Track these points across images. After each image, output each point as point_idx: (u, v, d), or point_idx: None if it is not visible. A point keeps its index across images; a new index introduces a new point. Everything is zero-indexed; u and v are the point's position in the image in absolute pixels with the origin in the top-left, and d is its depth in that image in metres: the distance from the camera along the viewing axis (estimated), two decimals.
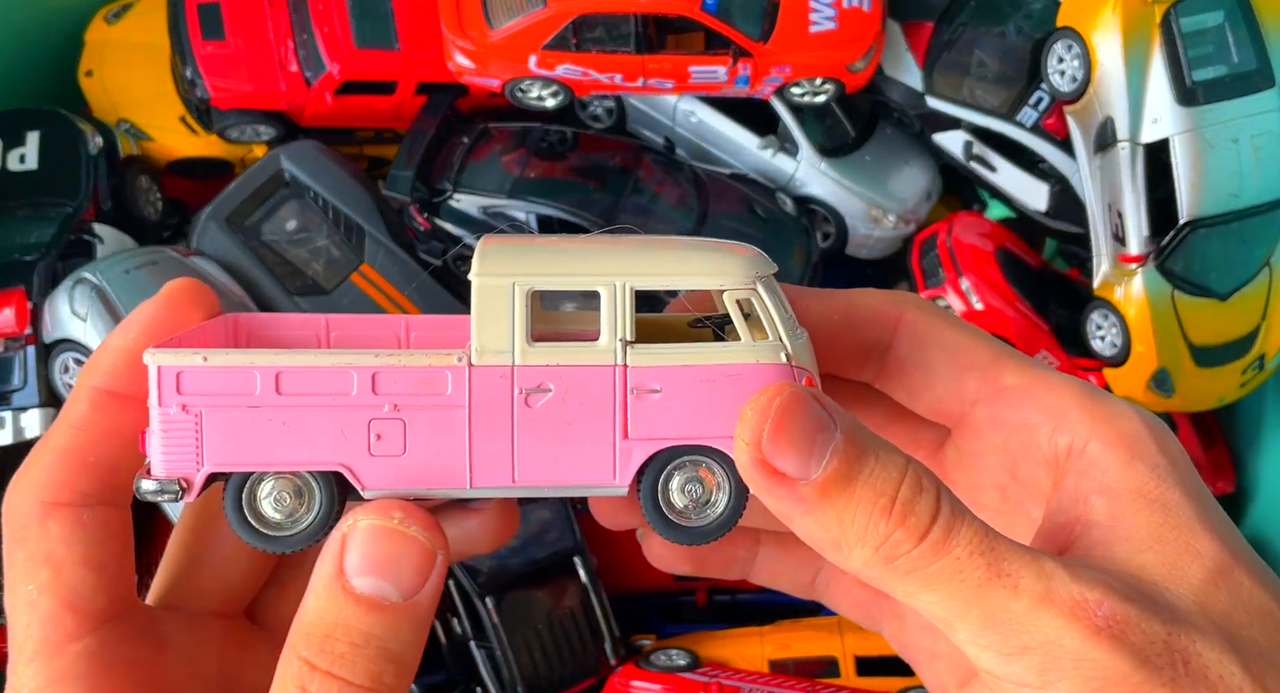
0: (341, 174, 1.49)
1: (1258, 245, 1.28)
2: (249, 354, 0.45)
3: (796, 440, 0.40)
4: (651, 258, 0.46)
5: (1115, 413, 0.44)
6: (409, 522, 0.42)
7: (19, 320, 1.27)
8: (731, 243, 0.49)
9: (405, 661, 0.41)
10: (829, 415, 0.41)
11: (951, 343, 0.48)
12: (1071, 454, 0.44)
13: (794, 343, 0.46)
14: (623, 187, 1.44)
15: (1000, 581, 0.38)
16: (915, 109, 1.50)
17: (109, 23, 1.59)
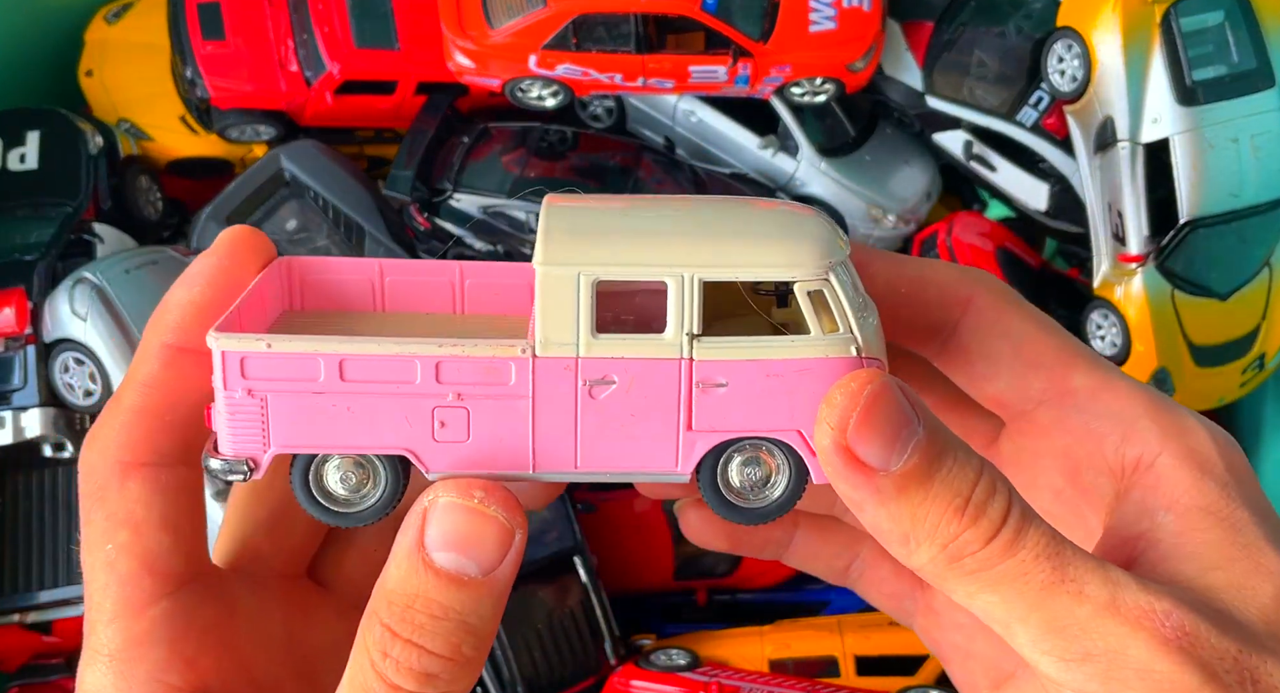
0: (341, 174, 1.49)
1: (1258, 245, 1.28)
2: (313, 341, 0.45)
3: (883, 431, 0.40)
4: (722, 247, 0.45)
5: (1186, 427, 0.43)
6: (489, 501, 0.42)
7: (19, 320, 1.27)
8: (805, 213, 0.47)
9: (483, 634, 0.42)
10: (914, 410, 0.40)
11: (1019, 334, 0.46)
12: (1140, 467, 0.42)
13: (864, 332, 0.44)
14: (623, 186, 1.44)
15: (1065, 585, 0.37)
16: (915, 109, 1.50)
17: (109, 23, 1.59)
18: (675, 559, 1.42)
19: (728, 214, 0.48)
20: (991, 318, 0.46)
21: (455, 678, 0.41)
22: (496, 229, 1.44)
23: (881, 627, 1.33)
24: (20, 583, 1.28)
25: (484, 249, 1.45)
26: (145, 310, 1.28)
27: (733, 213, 0.48)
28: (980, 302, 0.47)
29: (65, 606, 1.29)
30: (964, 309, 0.47)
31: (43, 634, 1.36)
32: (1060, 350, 0.46)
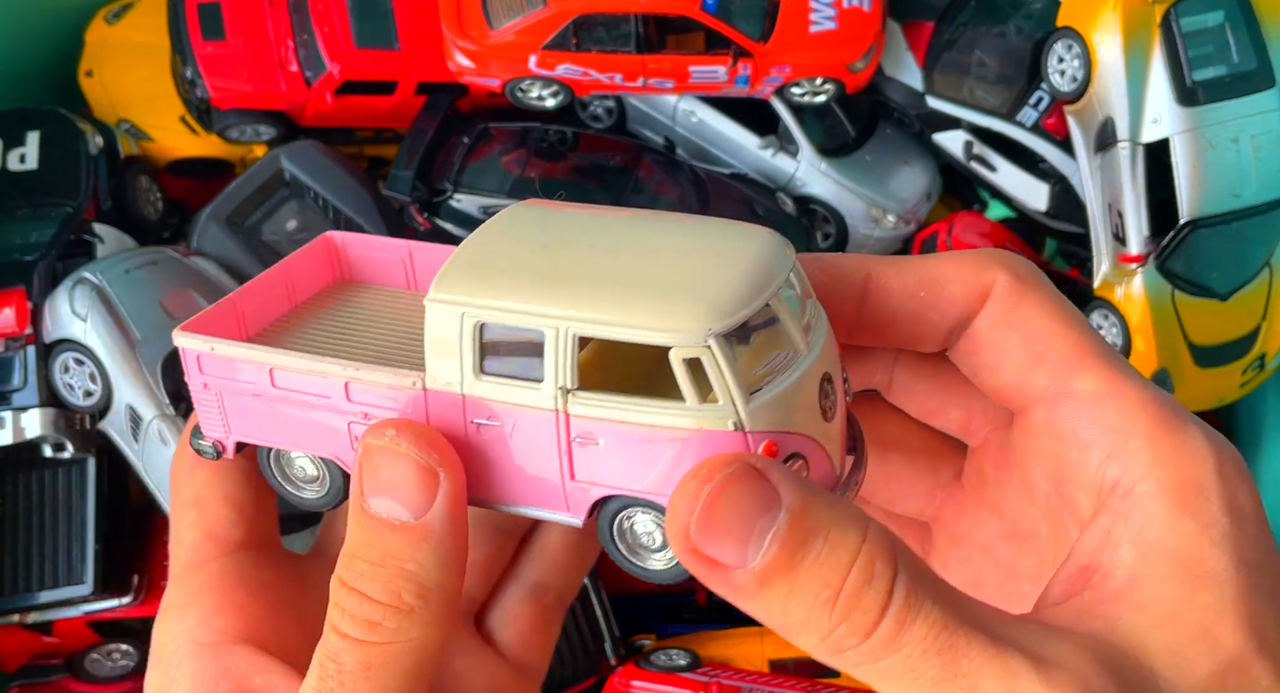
0: (341, 174, 1.49)
1: (1258, 245, 1.28)
2: (246, 349, 0.48)
3: (731, 528, 0.36)
4: (602, 302, 0.41)
5: (1183, 451, 0.38)
6: (401, 439, 0.42)
7: (19, 320, 1.27)
8: (727, 261, 0.43)
9: (425, 582, 0.41)
10: (774, 493, 0.36)
11: (1032, 326, 0.43)
12: (1117, 490, 0.39)
13: (764, 398, 0.41)
14: (623, 186, 1.44)
15: (956, 681, 0.34)
16: (915, 109, 1.50)
17: (109, 23, 1.59)
18: None
19: (646, 255, 0.44)
20: (1007, 307, 0.43)
21: (401, 627, 0.41)
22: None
23: None
24: (20, 583, 1.28)
25: None
26: (145, 310, 1.28)
27: (650, 255, 0.44)
28: (1000, 289, 0.44)
29: (65, 606, 1.29)
30: (983, 301, 0.44)
31: (43, 634, 1.36)
32: (1073, 347, 0.42)
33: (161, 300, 1.30)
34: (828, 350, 0.44)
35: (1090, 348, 0.42)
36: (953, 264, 0.44)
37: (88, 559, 1.28)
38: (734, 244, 0.44)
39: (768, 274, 0.42)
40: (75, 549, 1.29)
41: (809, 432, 0.42)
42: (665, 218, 0.47)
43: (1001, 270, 0.44)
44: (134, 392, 1.25)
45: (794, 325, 0.42)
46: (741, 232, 0.45)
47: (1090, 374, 0.41)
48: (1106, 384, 0.41)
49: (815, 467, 0.43)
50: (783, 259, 0.43)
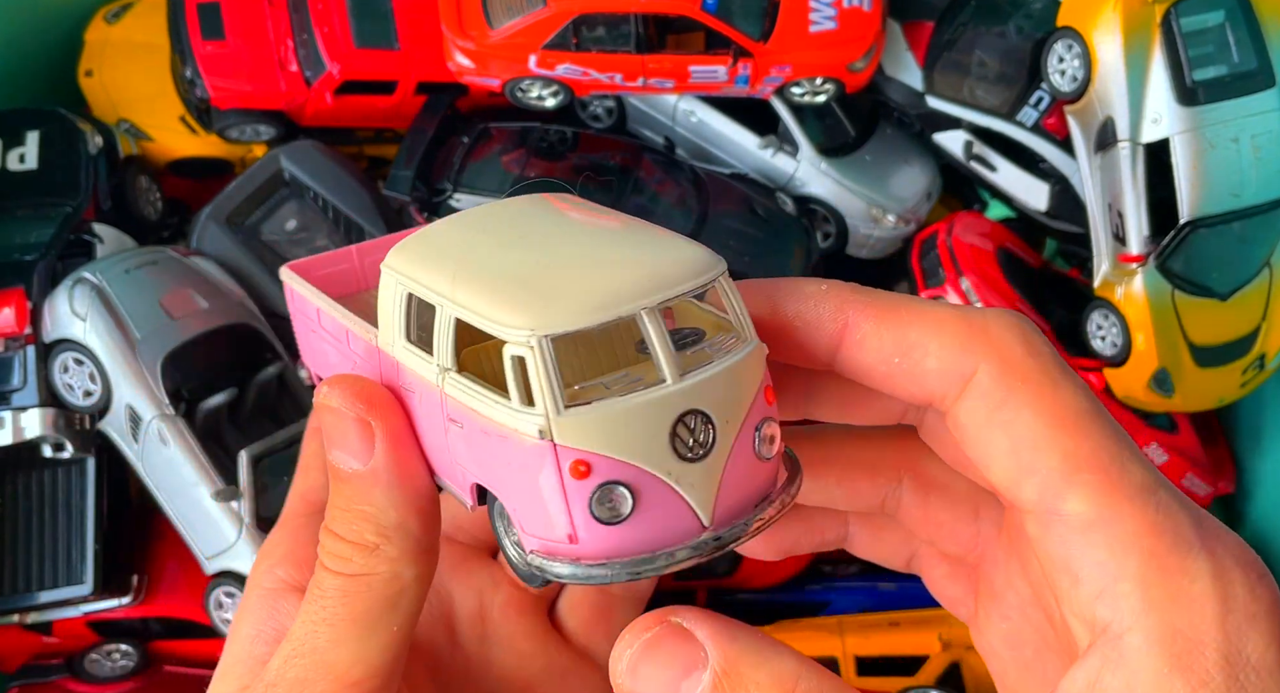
0: (341, 174, 1.49)
1: (1258, 245, 1.28)
2: (307, 288, 0.55)
3: (658, 685, 0.37)
4: (477, 289, 0.41)
5: (1180, 598, 0.34)
6: (332, 395, 0.45)
7: (18, 320, 1.27)
8: (614, 268, 0.41)
9: (384, 522, 0.44)
10: (699, 653, 0.37)
11: (1020, 432, 0.37)
12: (1108, 634, 0.35)
13: (585, 414, 0.39)
14: (623, 186, 1.44)
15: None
16: (915, 109, 1.50)
17: (109, 22, 1.59)
18: None
19: (563, 257, 0.43)
20: (992, 404, 0.38)
21: (368, 562, 0.44)
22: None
23: (882, 627, 1.32)
24: (20, 583, 1.28)
25: None
26: (145, 310, 1.28)
27: (568, 258, 0.43)
28: (982, 382, 0.38)
29: (65, 606, 1.29)
30: (964, 386, 0.39)
31: (43, 635, 1.36)
32: (1063, 460, 0.37)
33: (161, 300, 1.30)
34: (713, 389, 0.41)
35: (1084, 458, 0.37)
36: (938, 334, 0.39)
37: (87, 559, 1.28)
38: (650, 259, 0.42)
39: (642, 293, 0.40)
40: (75, 549, 1.29)
41: (647, 465, 0.40)
42: (634, 229, 0.46)
43: (986, 358, 0.38)
44: (134, 392, 1.25)
45: (664, 352, 0.40)
46: (674, 249, 0.43)
47: (1080, 495, 0.36)
48: (1097, 509, 0.36)
49: (650, 504, 0.40)
50: (686, 284, 0.41)
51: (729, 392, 0.41)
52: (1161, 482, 0.36)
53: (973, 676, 1.27)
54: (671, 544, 0.41)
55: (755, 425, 0.42)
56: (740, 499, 0.42)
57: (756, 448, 0.42)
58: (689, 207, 1.45)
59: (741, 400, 0.41)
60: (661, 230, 0.46)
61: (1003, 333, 0.39)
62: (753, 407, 0.42)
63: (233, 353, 1.33)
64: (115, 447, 1.29)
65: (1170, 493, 0.36)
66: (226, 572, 1.26)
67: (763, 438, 0.42)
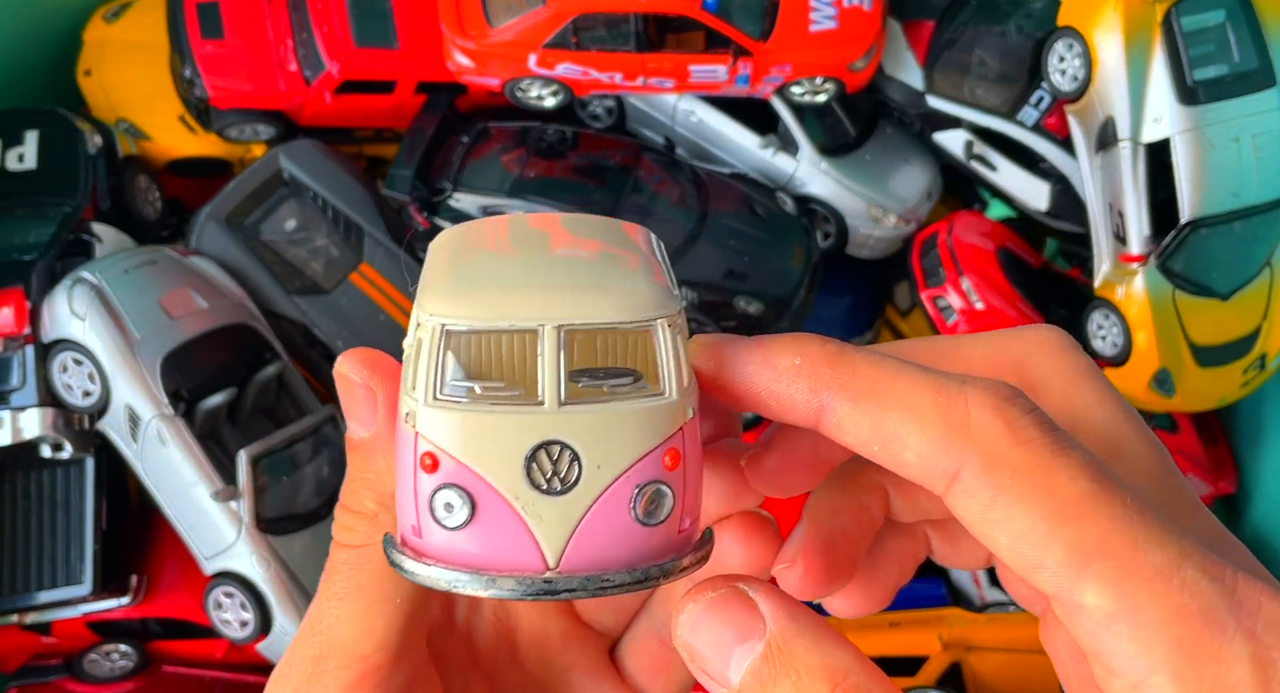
0: (341, 174, 1.49)
1: (1259, 245, 1.28)
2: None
3: (712, 651, 0.37)
4: (431, 284, 0.41)
5: (1221, 685, 0.32)
6: (344, 363, 0.44)
7: (18, 320, 1.27)
8: (600, 278, 0.40)
9: (383, 490, 0.44)
10: (759, 621, 0.36)
11: (1018, 530, 0.34)
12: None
13: (444, 408, 0.39)
14: (623, 186, 1.44)
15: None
16: (916, 108, 1.50)
17: (108, 22, 1.58)
18: None
19: (535, 263, 0.42)
20: (985, 500, 0.35)
21: (369, 531, 0.44)
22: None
23: (882, 628, 1.32)
24: (19, 583, 1.28)
25: None
26: (144, 310, 1.28)
27: (536, 265, 0.42)
28: (968, 480, 0.35)
29: (64, 606, 1.29)
30: (949, 483, 0.36)
31: (42, 635, 1.36)
32: (1074, 550, 0.34)
33: (160, 300, 1.30)
34: (590, 428, 0.38)
35: (1091, 548, 0.34)
36: (917, 424, 0.36)
37: (86, 560, 1.28)
38: (587, 286, 0.40)
39: (552, 313, 0.38)
40: (74, 550, 1.29)
41: (494, 481, 0.38)
42: (607, 259, 0.43)
43: (967, 454, 0.35)
44: (132, 391, 1.25)
45: (550, 374, 0.38)
46: (624, 283, 0.40)
47: (1095, 588, 0.33)
48: (1116, 600, 0.33)
49: (490, 521, 0.39)
50: (603, 317, 0.38)
51: (611, 438, 0.39)
52: (1187, 556, 0.34)
53: (973, 675, 1.27)
54: (504, 571, 0.39)
55: (638, 484, 0.39)
56: (602, 555, 0.40)
57: (634, 508, 0.39)
58: (689, 206, 1.45)
59: (624, 452, 0.39)
60: (638, 263, 0.42)
61: (985, 420, 0.35)
62: (640, 464, 0.39)
63: (232, 353, 1.33)
64: (114, 447, 1.28)
65: (1198, 568, 0.33)
66: (225, 572, 1.25)
67: (644, 500, 0.39)
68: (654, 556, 0.40)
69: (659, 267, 0.42)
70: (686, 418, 0.39)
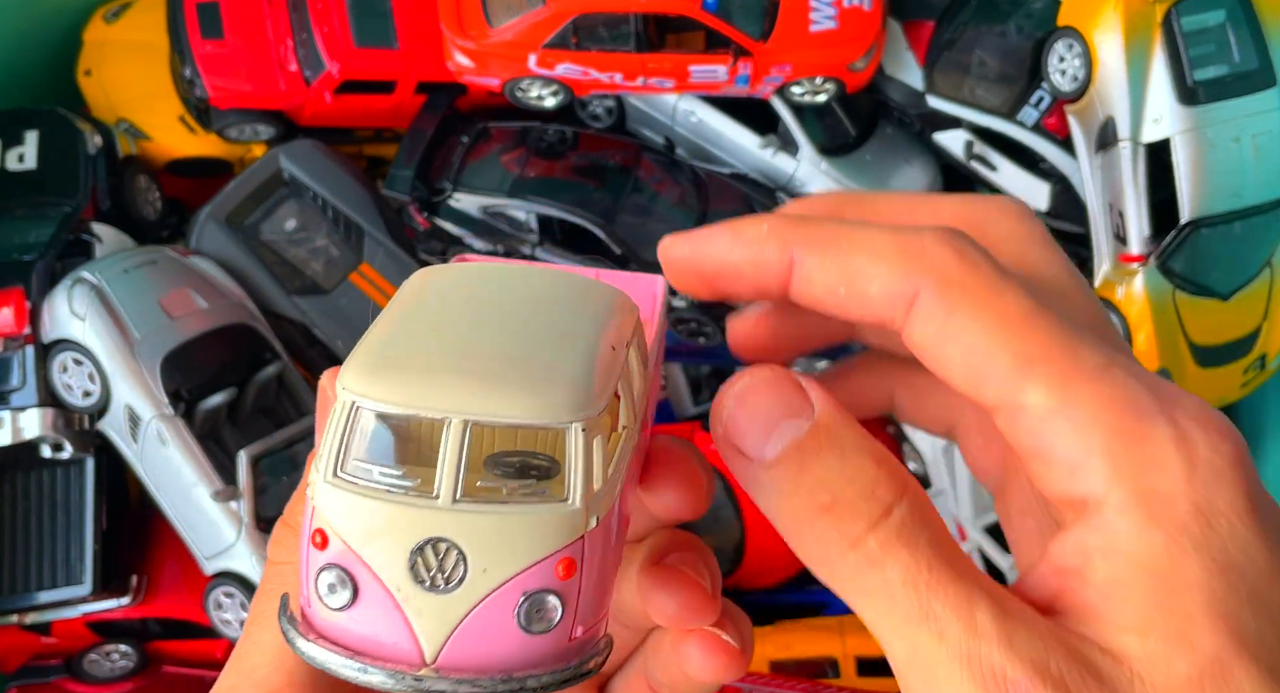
0: (341, 174, 1.49)
1: (1259, 245, 1.28)
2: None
3: (756, 423, 0.39)
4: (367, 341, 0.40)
5: (1146, 461, 0.36)
6: (327, 376, 0.44)
7: (17, 320, 1.27)
8: (533, 361, 0.39)
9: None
10: (806, 403, 0.38)
11: (969, 342, 0.39)
12: (1087, 507, 0.37)
13: (342, 487, 0.37)
14: (623, 186, 1.44)
15: (929, 623, 0.35)
16: (916, 108, 1.50)
17: (107, 22, 1.58)
18: None
19: (459, 336, 0.40)
20: (938, 322, 0.39)
21: (292, 550, 0.43)
22: (496, 229, 1.44)
23: None
24: (19, 583, 1.28)
25: (484, 249, 1.44)
26: (144, 310, 1.28)
27: (464, 336, 0.40)
28: (926, 298, 0.39)
29: (64, 606, 1.29)
30: (909, 308, 0.40)
31: (41, 635, 1.36)
32: (1014, 358, 0.38)
33: (160, 300, 1.30)
34: (480, 530, 0.37)
35: (1041, 351, 0.38)
36: (877, 260, 0.40)
37: (86, 560, 1.28)
38: (512, 373, 0.38)
39: (464, 405, 0.37)
40: (74, 550, 1.29)
41: (378, 570, 0.37)
42: (557, 333, 0.42)
43: (929, 273, 0.39)
44: (133, 392, 1.25)
45: (448, 469, 0.37)
46: (555, 370, 0.39)
47: (1037, 387, 0.38)
48: (1054, 397, 0.37)
49: (371, 609, 0.38)
50: (509, 417, 0.37)
51: (501, 543, 0.38)
52: (1114, 359, 0.38)
53: None
54: (381, 659, 0.38)
55: (525, 592, 0.38)
56: (482, 657, 0.39)
57: (519, 615, 0.38)
58: (689, 206, 1.45)
59: (513, 558, 0.38)
60: (584, 350, 0.40)
61: (939, 252, 0.40)
62: (529, 572, 0.38)
63: (232, 353, 1.33)
64: (114, 447, 1.29)
65: (1125, 369, 0.38)
66: (226, 572, 1.25)
67: (532, 609, 0.38)
68: (536, 663, 0.39)
69: (610, 355, 0.40)
70: (589, 527, 0.38)
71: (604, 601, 0.40)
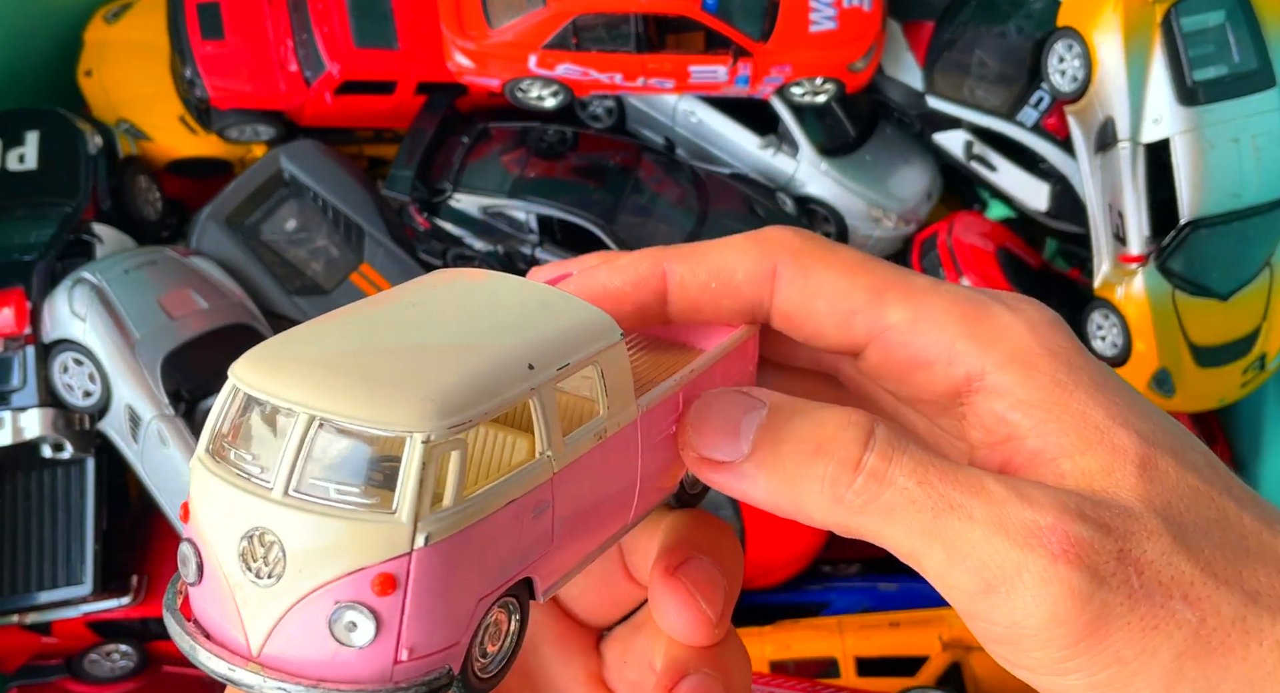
0: (341, 174, 1.49)
1: (1258, 245, 1.28)
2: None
3: (721, 428, 0.43)
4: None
5: (1000, 331, 0.43)
6: None
7: (18, 320, 1.27)
8: (429, 369, 0.38)
9: None
10: (756, 399, 0.43)
11: (830, 290, 0.46)
12: (972, 384, 0.43)
13: (202, 466, 0.37)
14: (623, 186, 1.44)
15: (954, 511, 0.38)
16: (915, 109, 1.50)
17: (108, 22, 1.58)
18: None
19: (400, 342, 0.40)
20: (799, 281, 0.46)
21: None
22: (496, 229, 1.44)
23: (881, 628, 1.32)
24: (20, 583, 1.28)
25: (484, 249, 1.45)
26: (144, 310, 1.28)
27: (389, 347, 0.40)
28: (784, 269, 0.46)
29: (65, 606, 1.29)
30: (773, 281, 0.47)
31: (42, 635, 1.36)
32: (869, 290, 0.45)
33: (160, 300, 1.30)
34: (300, 528, 0.36)
35: (885, 282, 0.45)
36: (735, 252, 0.47)
37: (87, 560, 1.28)
38: (400, 378, 0.38)
39: (314, 398, 0.36)
40: (75, 550, 1.29)
41: (215, 551, 0.37)
42: (463, 347, 0.41)
43: (780, 250, 0.46)
44: (133, 392, 1.25)
45: (284, 463, 0.36)
46: (400, 387, 0.38)
47: (895, 306, 0.45)
48: (912, 308, 0.45)
49: (211, 591, 0.37)
50: (358, 416, 0.36)
51: (318, 545, 0.36)
52: (938, 281, 0.46)
53: (972, 676, 1.27)
54: (217, 642, 0.38)
55: (337, 601, 0.37)
56: (300, 660, 0.37)
57: (332, 623, 0.37)
58: (689, 207, 1.45)
59: (327, 564, 0.36)
60: (473, 360, 0.39)
61: (782, 234, 0.47)
62: (341, 581, 0.36)
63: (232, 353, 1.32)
64: (115, 447, 1.29)
65: (949, 285, 0.46)
66: None
67: (344, 620, 0.37)
68: (350, 680, 0.37)
69: (519, 373, 0.39)
70: (415, 545, 0.36)
71: (447, 629, 0.37)
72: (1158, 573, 0.38)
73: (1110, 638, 0.38)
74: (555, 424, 0.40)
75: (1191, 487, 0.40)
